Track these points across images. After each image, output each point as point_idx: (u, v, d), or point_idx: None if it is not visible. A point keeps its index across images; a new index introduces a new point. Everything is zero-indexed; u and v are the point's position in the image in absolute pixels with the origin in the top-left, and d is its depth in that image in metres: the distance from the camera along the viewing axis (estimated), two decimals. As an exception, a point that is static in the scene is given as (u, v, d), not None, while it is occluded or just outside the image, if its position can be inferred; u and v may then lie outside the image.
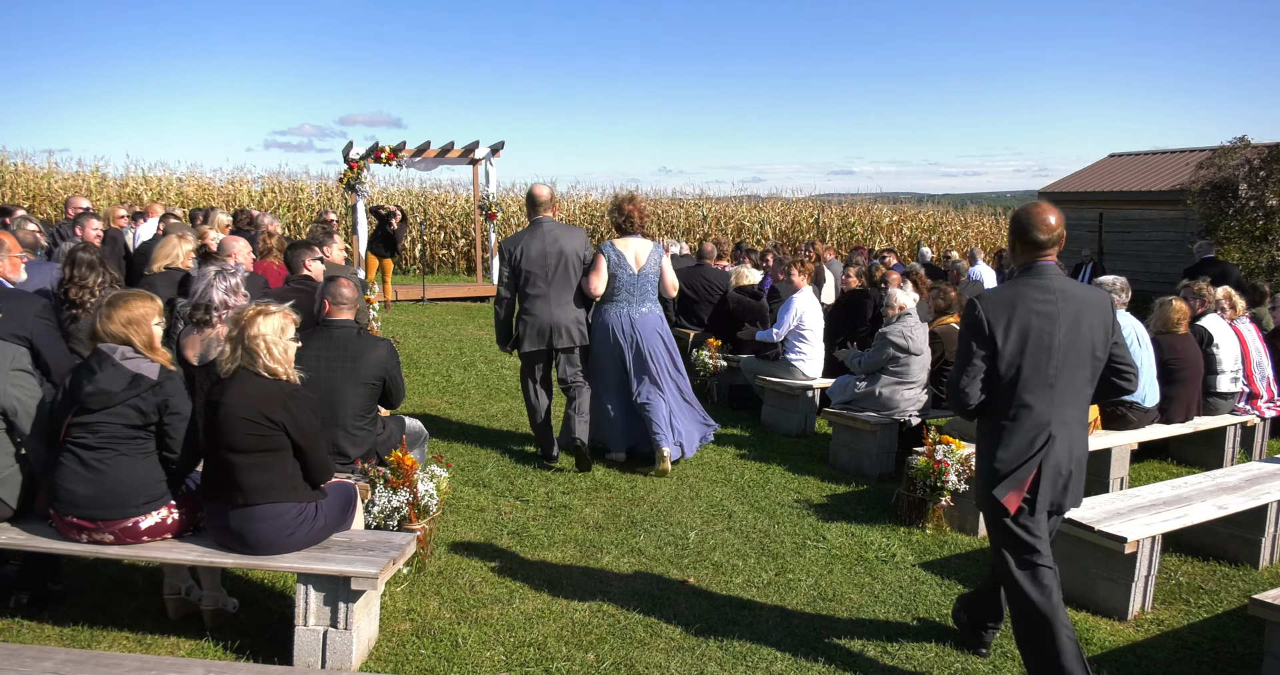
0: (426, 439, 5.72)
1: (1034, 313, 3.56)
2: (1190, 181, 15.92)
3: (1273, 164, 14.45)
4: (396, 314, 14.90)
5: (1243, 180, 14.84)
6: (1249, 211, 14.82)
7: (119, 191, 22.40)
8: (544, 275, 6.45)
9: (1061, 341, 3.56)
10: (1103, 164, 21.45)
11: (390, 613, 4.27)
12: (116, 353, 3.73)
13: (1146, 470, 7.16)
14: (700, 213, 27.05)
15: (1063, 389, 3.60)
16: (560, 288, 6.48)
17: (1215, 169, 15.36)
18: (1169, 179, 17.99)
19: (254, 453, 3.70)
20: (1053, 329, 3.56)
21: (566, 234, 6.54)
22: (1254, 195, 14.71)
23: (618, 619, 4.34)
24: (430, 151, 16.12)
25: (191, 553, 3.78)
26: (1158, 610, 4.74)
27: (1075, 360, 3.59)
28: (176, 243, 6.30)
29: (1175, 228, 17.13)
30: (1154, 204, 18.07)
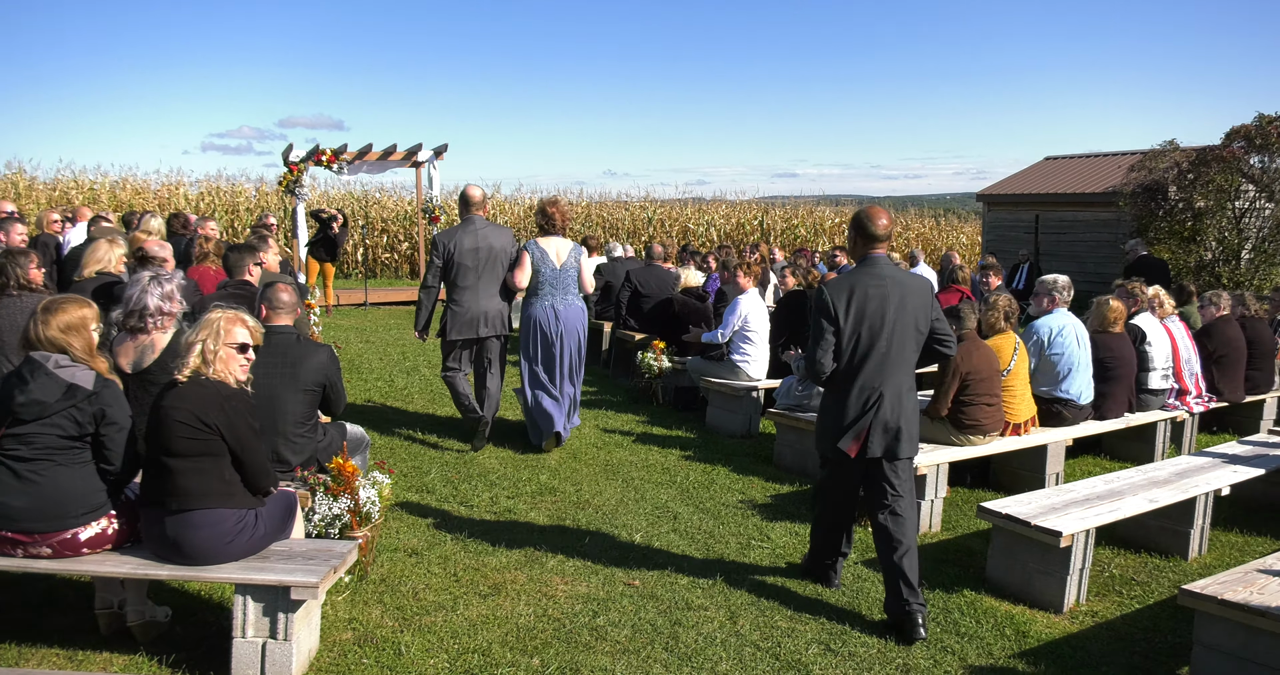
0: (368, 445, 5.66)
1: (868, 295, 4.33)
2: (1122, 184, 16.32)
3: (1200, 167, 14.88)
4: (338, 319, 14.71)
5: (1172, 183, 15.26)
6: (1178, 213, 15.24)
7: (49, 195, 21.83)
8: (474, 268, 7.01)
9: (890, 318, 4.32)
10: (1039, 167, 21.91)
11: (331, 622, 4.21)
12: (50, 361, 3.63)
13: (1081, 465, 7.33)
14: (645, 215, 27.12)
15: (892, 358, 4.35)
16: (488, 281, 7.07)
17: (1146, 172, 15.78)
18: (1102, 182, 18.43)
19: (190, 457, 3.63)
20: (883, 309, 4.32)
21: (495, 232, 7.15)
22: (1183, 197, 15.14)
23: (563, 623, 4.33)
24: (372, 154, 15.93)
25: (125, 565, 3.69)
26: (1092, 602, 4.85)
27: (902, 334, 4.35)
28: (107, 247, 6.16)
29: (1108, 229, 17.55)
30: (1088, 206, 18.50)
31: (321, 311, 13.72)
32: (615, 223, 26.65)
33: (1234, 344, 8.11)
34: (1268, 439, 6.73)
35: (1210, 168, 14.72)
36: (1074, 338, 6.76)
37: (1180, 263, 15.12)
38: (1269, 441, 6.61)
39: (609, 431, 7.98)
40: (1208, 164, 14.78)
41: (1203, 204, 14.96)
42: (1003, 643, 4.35)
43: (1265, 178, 14.88)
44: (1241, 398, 8.22)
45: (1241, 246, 14.97)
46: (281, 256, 8.05)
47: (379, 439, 7.32)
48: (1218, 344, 8.06)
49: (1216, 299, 8.37)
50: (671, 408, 8.98)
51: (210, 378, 3.70)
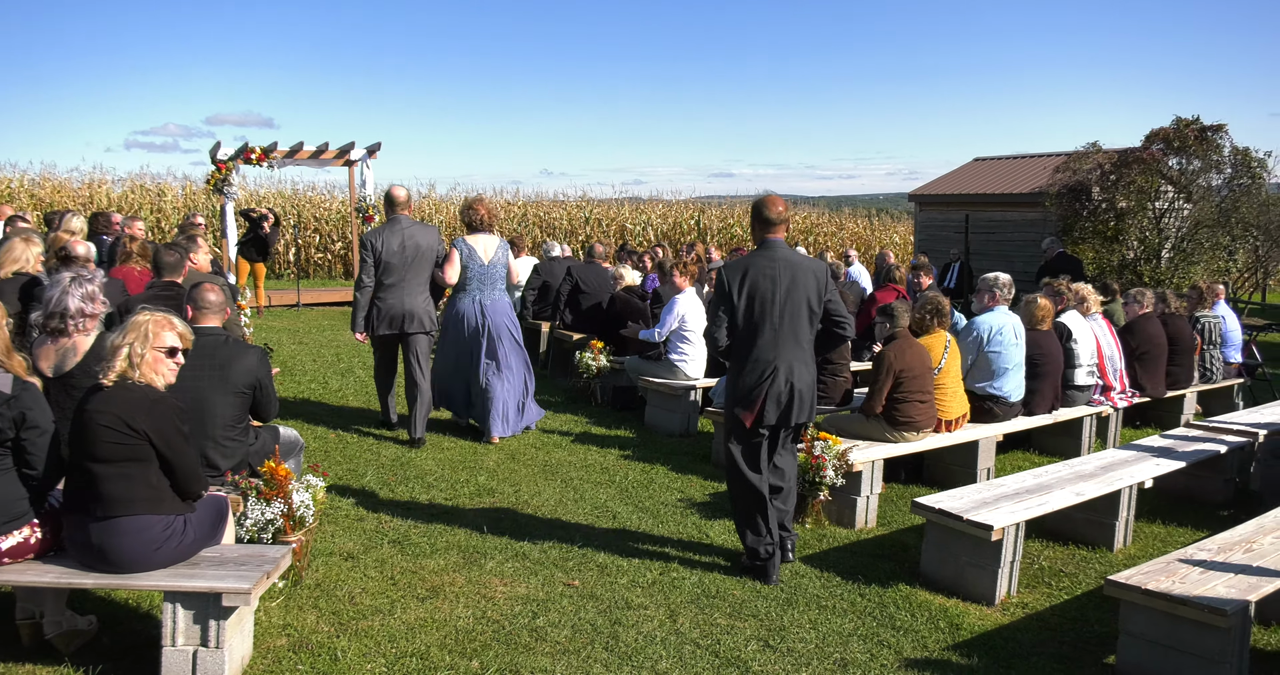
0: (302, 448, 5.56)
1: (761, 275, 4.71)
2: (1048, 184, 16.70)
3: (1122, 168, 15.28)
4: (270, 320, 14.43)
5: (1095, 183, 15.65)
6: (1101, 213, 15.64)
7: (-37, 194, 21.06)
8: (400, 266, 7.18)
9: (780, 297, 4.69)
10: (968, 168, 22.32)
11: (265, 629, 4.13)
12: (-37, 366, 3.51)
13: (1011, 460, 7.49)
14: (582, 215, 27.07)
15: (785, 334, 4.72)
16: (414, 279, 7.25)
17: (1070, 173, 16.16)
18: (1029, 182, 18.84)
19: (116, 462, 3.53)
20: (774, 288, 4.69)
21: (421, 230, 7.33)
22: (1105, 197, 15.54)
23: (502, 625, 4.30)
24: (304, 153, 15.64)
25: (49, 574, 3.58)
26: (1022, 594, 4.97)
27: (793, 312, 4.72)
28: (23, 246, 5.97)
29: (1035, 229, 17.94)
30: (1015, 206, 18.90)
31: (253, 313, 13.45)
32: (552, 222, 26.56)
33: (1156, 341, 8.36)
34: (1187, 432, 6.95)
35: (1131, 169, 15.13)
36: (1012, 336, 6.90)
37: (1103, 261, 15.52)
38: (1189, 435, 6.83)
39: (547, 432, 7.95)
40: (1129, 165, 15.19)
41: (1124, 204, 15.38)
42: (937, 635, 4.43)
43: (1183, 179, 15.35)
44: (1163, 393, 8.48)
45: (1161, 246, 15.42)
46: (211, 256, 7.87)
47: (313, 441, 7.20)
48: (1140, 341, 8.30)
49: (1140, 297, 8.61)
50: (610, 407, 8.98)
51: (137, 381, 3.61)
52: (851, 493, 5.89)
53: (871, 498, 5.99)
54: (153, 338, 3.67)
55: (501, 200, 27.73)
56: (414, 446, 7.28)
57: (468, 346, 7.43)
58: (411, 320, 7.25)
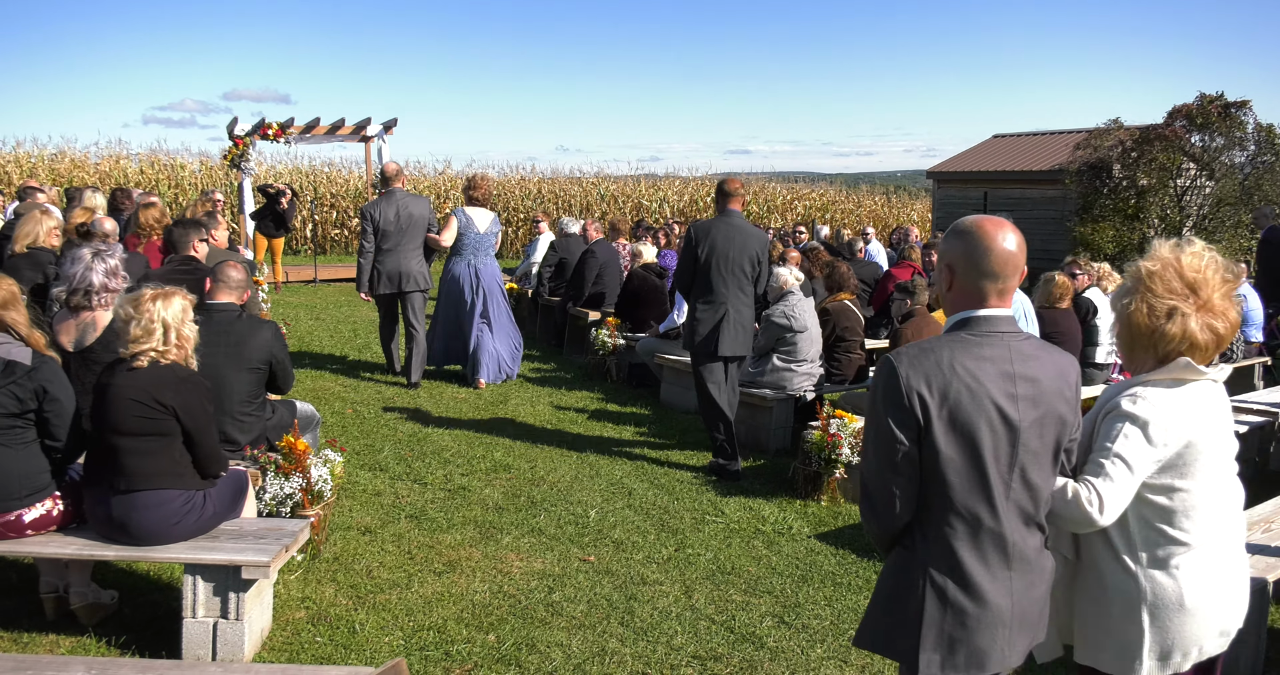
0: (319, 423, 5.60)
1: (719, 236, 6.02)
2: (1068, 162, 16.55)
3: (1143, 145, 15.12)
4: (287, 295, 14.48)
5: (1116, 161, 15.50)
6: (1122, 191, 15.50)
7: (-15, 169, 21.18)
8: (396, 233, 8.12)
9: (732, 254, 6.01)
10: (987, 145, 22.14)
11: (284, 601, 4.17)
12: (-18, 339, 3.54)
13: (1028, 439, 7.44)
14: (598, 191, 26.98)
15: (732, 282, 6.04)
16: (409, 244, 8.20)
17: (1091, 150, 16.00)
18: (1049, 159, 18.67)
19: (140, 436, 3.56)
20: (728, 247, 6.01)
21: (415, 201, 8.33)
22: (1126, 175, 15.39)
23: (518, 600, 4.33)
24: (320, 128, 15.63)
25: (70, 546, 3.62)
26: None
27: (739, 267, 6.05)
28: (39, 218, 5.99)
29: (1055, 206, 17.80)
30: (1035, 183, 18.74)
31: (270, 288, 13.50)
32: (568, 199, 26.49)
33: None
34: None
35: (1153, 146, 14.97)
36: (1022, 314, 6.86)
37: (1124, 239, 15.40)
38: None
39: (563, 408, 7.97)
40: (1150, 142, 15.03)
41: (1146, 182, 15.23)
42: (952, 613, 4.42)
43: (1205, 156, 15.18)
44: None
45: (1183, 224, 15.28)
46: (229, 232, 7.90)
47: (330, 417, 7.24)
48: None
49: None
50: (626, 384, 8.98)
51: (167, 358, 3.63)
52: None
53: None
54: (186, 317, 3.72)
55: (517, 176, 27.67)
56: (410, 388, 8.32)
57: (464, 304, 8.42)
58: (408, 280, 8.21)
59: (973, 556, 2.21)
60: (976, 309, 2.28)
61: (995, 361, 2.21)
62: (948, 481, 2.19)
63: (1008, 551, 2.23)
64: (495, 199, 26.33)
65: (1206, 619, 2.37)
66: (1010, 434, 2.19)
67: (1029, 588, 2.27)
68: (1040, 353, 2.29)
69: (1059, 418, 2.26)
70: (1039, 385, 2.23)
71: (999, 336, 2.25)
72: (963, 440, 2.17)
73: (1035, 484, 2.24)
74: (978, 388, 2.18)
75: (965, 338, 2.24)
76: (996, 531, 2.21)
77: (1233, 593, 2.45)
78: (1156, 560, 2.37)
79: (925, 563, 2.24)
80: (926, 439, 2.17)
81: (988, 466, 2.18)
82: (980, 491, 2.19)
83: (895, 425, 2.18)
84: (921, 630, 2.22)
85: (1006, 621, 2.23)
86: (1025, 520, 2.25)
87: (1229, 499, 2.48)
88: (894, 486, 2.22)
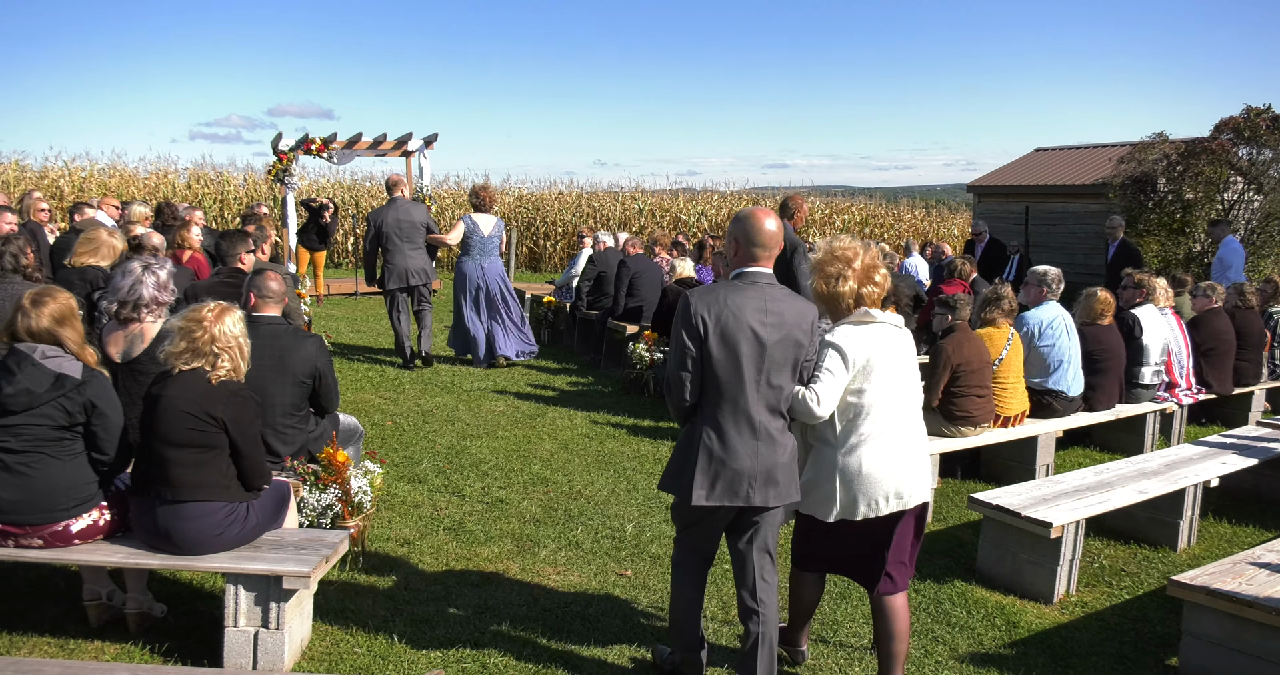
0: (361, 435, 5.64)
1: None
2: (1112, 176, 16.33)
3: (1189, 159, 14.89)
4: (329, 308, 14.65)
5: (1161, 174, 15.27)
6: (1167, 205, 15.27)
7: (38, 183, 21.63)
8: (399, 236, 9.50)
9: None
10: (1028, 158, 21.92)
11: (323, 611, 4.20)
12: (36, 352, 3.61)
13: (1071, 457, 7.36)
14: (636, 206, 27.05)
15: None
16: (411, 244, 9.57)
17: (1135, 163, 15.78)
18: (1092, 173, 18.44)
19: (189, 447, 3.62)
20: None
21: (415, 207, 9.77)
22: (1172, 189, 15.16)
23: (555, 613, 4.33)
24: (362, 144, 15.82)
25: (116, 554, 3.68)
26: (1081, 593, 4.88)
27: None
28: (103, 237, 6.13)
29: (1098, 221, 17.55)
30: (1078, 197, 18.52)
31: (312, 301, 13.66)
32: (606, 213, 26.57)
33: (1223, 336, 8.14)
34: (1255, 431, 6.77)
35: (1199, 160, 14.74)
36: (1064, 330, 6.77)
37: (1169, 255, 15.16)
38: (1257, 433, 6.65)
39: (600, 422, 7.98)
40: (1197, 156, 14.80)
41: (1192, 196, 14.99)
42: (993, 633, 4.37)
43: (1253, 170, 14.91)
44: (1230, 390, 8.25)
45: (1230, 239, 15.02)
46: (272, 244, 8.02)
47: (370, 428, 7.30)
48: (1207, 336, 8.09)
49: (1210, 291, 8.38)
50: (663, 398, 8.95)
51: (219, 373, 3.70)
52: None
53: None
54: (242, 333, 3.79)
55: (555, 190, 27.81)
56: (425, 365, 9.79)
57: (474, 297, 9.75)
58: (413, 275, 9.60)
59: (732, 428, 3.34)
60: (747, 267, 3.44)
61: (753, 299, 3.34)
62: (718, 376, 3.33)
63: (755, 428, 3.35)
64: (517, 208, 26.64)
65: (878, 484, 3.47)
66: (760, 347, 3.32)
67: (771, 454, 3.37)
68: (786, 298, 3.41)
69: (795, 341, 3.38)
70: (783, 317, 3.35)
71: (759, 285, 3.39)
72: (728, 349, 3.30)
73: (778, 384, 3.38)
74: (740, 315, 3.31)
75: (737, 285, 3.40)
76: (749, 413, 3.34)
77: (903, 468, 3.50)
78: (848, 444, 3.49)
79: (702, 430, 3.37)
80: (705, 347, 3.30)
81: (745, 368, 3.31)
82: (739, 384, 3.32)
83: (687, 337, 3.32)
84: (695, 472, 3.36)
85: (750, 472, 3.34)
86: (770, 409, 3.38)
87: (904, 404, 3.55)
88: (685, 378, 3.37)
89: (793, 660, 3.96)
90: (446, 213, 23.50)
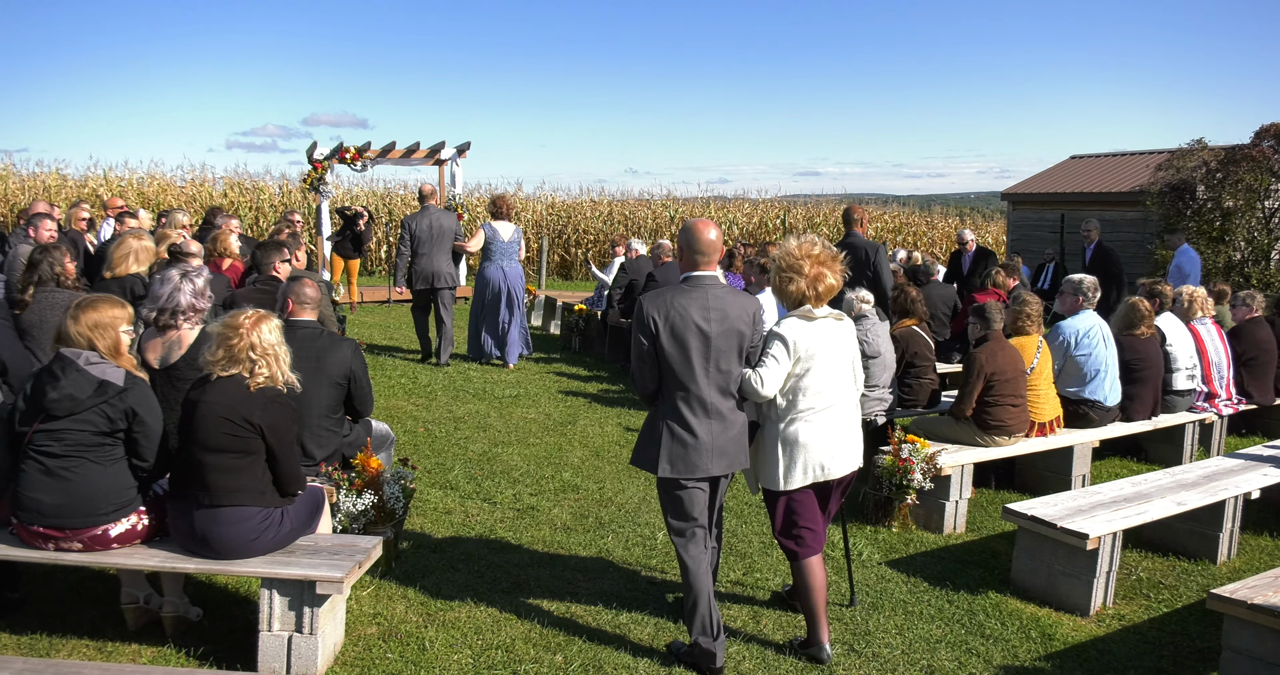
0: (393, 442, 5.69)
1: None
2: (1149, 183, 16.13)
3: (1229, 166, 14.67)
4: (362, 316, 14.78)
5: (1200, 182, 15.06)
6: (1206, 213, 15.05)
7: (78, 192, 22.04)
8: (428, 240, 10.25)
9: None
10: (1064, 166, 21.70)
11: (356, 617, 4.24)
12: (80, 358, 3.67)
13: (1107, 468, 7.27)
14: (667, 214, 27.07)
15: None
16: (439, 249, 10.31)
17: (1174, 171, 15.57)
18: (1129, 181, 18.22)
19: (226, 453, 3.67)
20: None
21: (444, 215, 10.48)
22: (1211, 196, 14.94)
23: (586, 620, 4.34)
24: (396, 152, 15.99)
25: (154, 558, 3.73)
26: (1119, 605, 4.82)
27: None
28: (134, 244, 6.21)
29: (1135, 229, 17.36)
30: (1115, 205, 18.30)
31: (345, 308, 13.79)
32: (638, 221, 26.63)
33: (1264, 346, 8.00)
34: (1298, 442, 6.64)
35: (1239, 167, 14.51)
36: (1100, 339, 6.70)
37: (1209, 263, 14.93)
38: (1299, 444, 6.53)
39: (632, 430, 7.98)
40: (1237, 163, 14.57)
41: (1231, 203, 14.77)
42: (1028, 645, 4.32)
43: (1296, 177, 14.67)
44: (1271, 400, 8.11)
45: (1271, 246, 14.76)
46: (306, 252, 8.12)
47: (403, 435, 7.35)
48: (1247, 345, 7.96)
49: (1250, 300, 8.24)
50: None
51: (259, 379, 3.74)
52: (940, 497, 5.78)
53: (960, 503, 5.87)
54: (280, 339, 3.84)
55: (587, 199, 27.90)
56: (439, 366, 10.34)
57: (495, 299, 10.35)
58: (438, 278, 10.31)
59: (687, 410, 3.88)
60: (693, 272, 3.96)
61: (698, 299, 3.88)
62: (672, 367, 3.87)
63: (708, 409, 3.89)
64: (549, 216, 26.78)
65: (815, 453, 3.98)
66: (706, 339, 3.85)
67: (724, 430, 3.91)
68: (728, 295, 3.94)
69: (738, 331, 3.91)
70: (725, 313, 3.88)
71: (703, 286, 3.92)
72: (678, 343, 3.84)
73: (725, 369, 3.91)
74: (686, 314, 3.84)
75: (684, 288, 3.93)
76: (700, 397, 3.88)
77: (836, 440, 4.03)
78: (789, 420, 4.00)
79: (664, 414, 3.92)
80: (658, 343, 3.85)
81: (694, 358, 3.85)
82: (690, 372, 3.86)
83: (641, 336, 3.88)
84: (659, 450, 3.88)
85: (708, 447, 3.88)
86: (721, 391, 3.92)
87: (839, 386, 4.06)
88: (644, 369, 3.94)
89: (819, 660, 4.06)
90: (478, 221, 23.65)
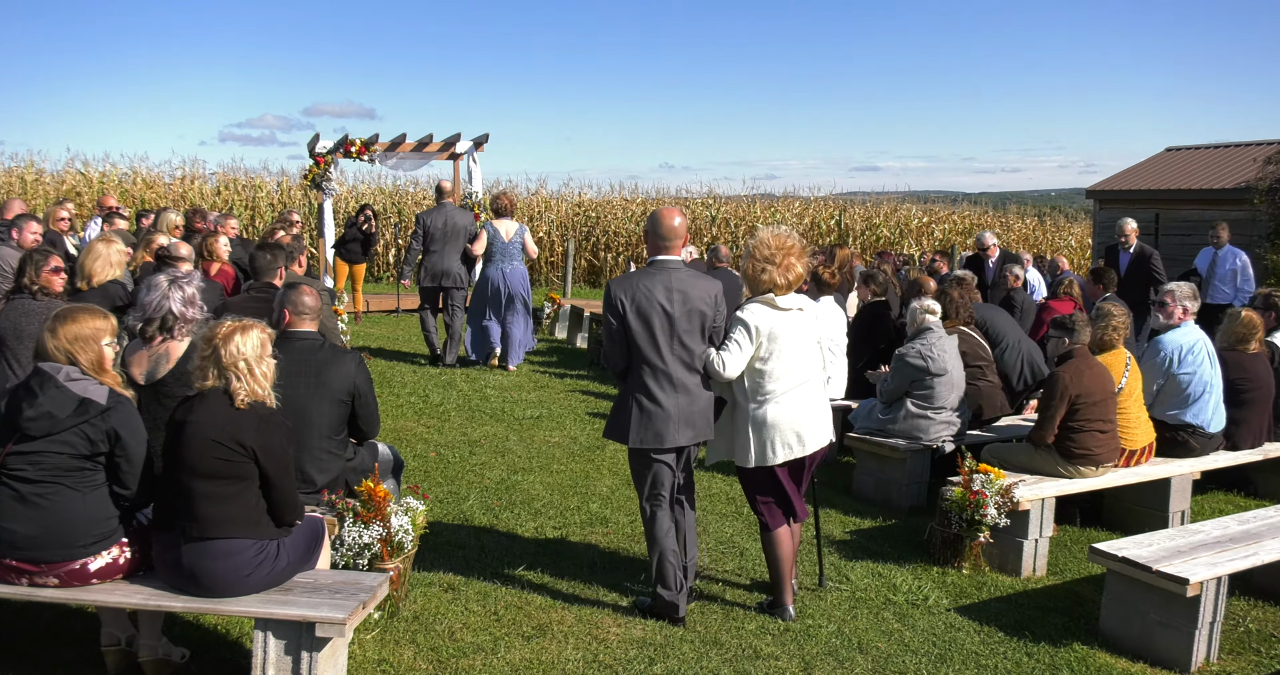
0: (402, 468, 5.71)
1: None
2: (1257, 178, 15.93)
3: (1349, 159, 14.48)
4: (368, 326, 14.89)
5: (1317, 176, 14.87)
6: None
7: (56, 189, 22.46)
8: (441, 238, 11.17)
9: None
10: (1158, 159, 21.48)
11: (359, 663, 4.25)
12: (60, 373, 3.71)
13: (1210, 502, 7.16)
14: (709, 214, 27.07)
15: None
16: (450, 248, 11.22)
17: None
18: (1232, 176, 18.00)
19: (216, 479, 3.69)
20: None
21: (459, 213, 11.50)
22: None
23: (615, 670, 4.32)
24: (406, 145, 16.09)
25: (136, 595, 3.77)
26: (1224, 661, 4.74)
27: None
28: (103, 249, 6.31)
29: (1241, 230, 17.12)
30: (1216, 204, 18.08)
31: (350, 318, 13.90)
32: (675, 222, 26.66)
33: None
34: None
35: (1362, 159, 14.33)
36: (1205, 356, 6.60)
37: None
38: None
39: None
40: (1358, 155, 14.39)
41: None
42: (1119, 705, 4.25)
43: None
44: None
45: (1398, 251, 14.53)
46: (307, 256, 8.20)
47: (412, 460, 7.38)
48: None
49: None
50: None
51: (247, 395, 3.77)
52: (1017, 535, 5.72)
53: (1041, 541, 5.81)
54: (265, 351, 3.86)
55: (619, 197, 28.01)
56: (446, 368, 11.33)
57: (494, 301, 11.20)
58: (448, 277, 11.22)
59: (654, 384, 4.65)
60: (657, 257, 4.77)
61: (662, 282, 4.65)
62: (639, 345, 4.63)
63: (674, 383, 4.66)
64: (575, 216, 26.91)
65: (783, 433, 4.72)
66: (669, 319, 4.62)
67: (689, 403, 4.69)
68: (691, 279, 4.73)
69: (700, 312, 4.68)
70: (687, 294, 4.66)
71: (667, 270, 4.71)
72: (644, 322, 4.61)
73: (688, 346, 4.67)
74: (650, 295, 4.62)
75: (649, 271, 4.74)
76: (666, 371, 4.64)
77: (804, 419, 4.75)
78: (757, 401, 4.75)
79: (633, 389, 4.69)
80: (625, 322, 4.62)
81: (659, 337, 4.62)
82: (656, 350, 4.63)
83: (610, 316, 4.66)
84: (630, 422, 4.66)
85: (675, 419, 4.65)
86: (685, 366, 4.68)
87: (804, 370, 4.79)
88: (614, 348, 4.74)
89: (783, 618, 4.91)
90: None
